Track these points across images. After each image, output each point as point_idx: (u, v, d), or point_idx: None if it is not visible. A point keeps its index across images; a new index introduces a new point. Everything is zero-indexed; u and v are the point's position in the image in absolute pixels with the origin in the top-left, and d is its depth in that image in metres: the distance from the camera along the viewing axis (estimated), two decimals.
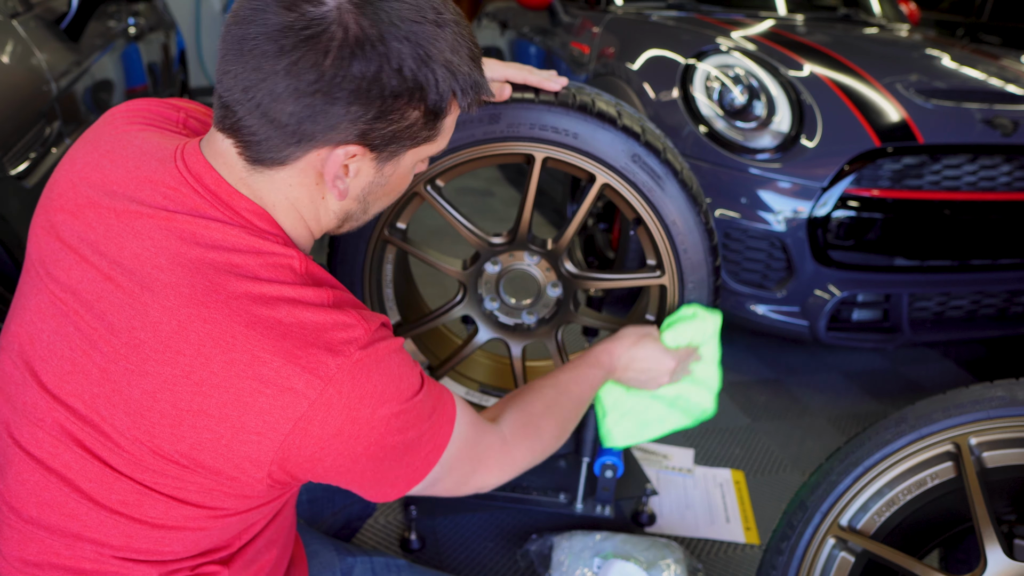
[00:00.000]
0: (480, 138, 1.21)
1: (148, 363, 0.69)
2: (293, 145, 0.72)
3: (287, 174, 0.75)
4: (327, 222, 0.82)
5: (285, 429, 0.70)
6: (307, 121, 0.70)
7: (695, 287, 1.30)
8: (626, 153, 1.20)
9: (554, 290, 1.38)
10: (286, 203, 0.77)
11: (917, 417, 0.96)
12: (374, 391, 0.73)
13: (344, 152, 0.73)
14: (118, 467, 0.73)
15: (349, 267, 1.32)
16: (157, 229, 0.72)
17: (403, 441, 0.78)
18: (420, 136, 0.77)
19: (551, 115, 1.18)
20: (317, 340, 0.71)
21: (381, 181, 0.80)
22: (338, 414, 0.71)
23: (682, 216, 1.24)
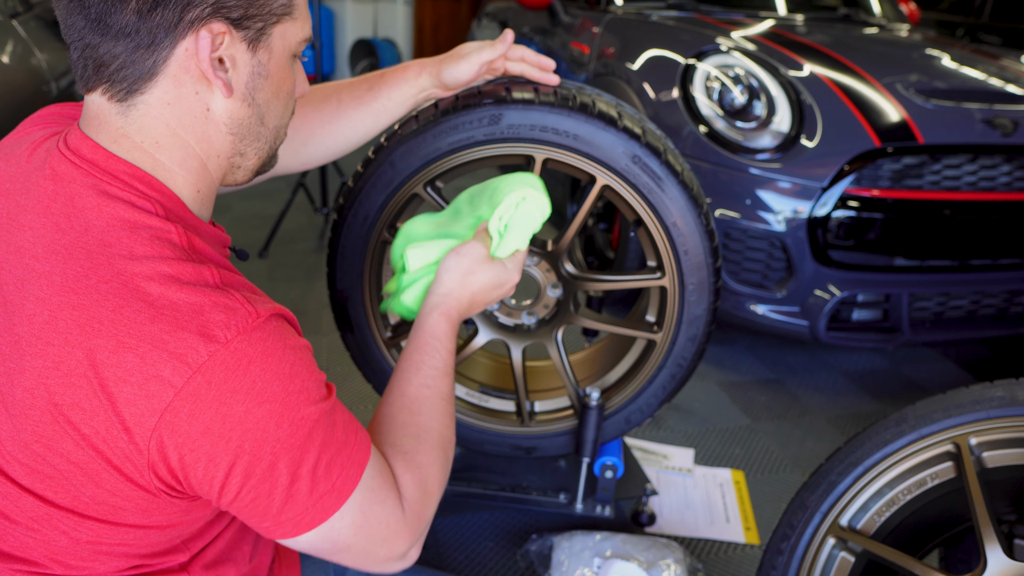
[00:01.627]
0: (480, 139, 1.21)
1: (25, 358, 0.65)
2: (155, 47, 0.67)
3: (161, 90, 0.69)
4: (221, 143, 0.75)
5: (152, 423, 0.64)
6: (155, 8, 0.65)
7: (696, 288, 1.30)
8: (627, 154, 1.20)
9: (554, 291, 1.38)
10: (169, 134, 0.71)
11: (917, 417, 0.96)
12: (252, 387, 0.66)
13: (208, 31, 0.68)
14: (18, 479, 0.68)
15: (349, 267, 1.32)
16: (36, 218, 0.69)
17: (289, 462, 0.69)
18: (275, 5, 0.72)
19: (551, 116, 1.18)
20: (189, 323, 0.64)
21: (261, 71, 0.74)
22: (207, 408, 0.64)
23: (683, 217, 1.24)
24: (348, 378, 2.23)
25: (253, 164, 0.81)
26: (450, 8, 7.23)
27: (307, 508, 0.72)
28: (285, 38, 0.75)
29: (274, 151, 0.83)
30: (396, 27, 6.96)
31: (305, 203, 3.66)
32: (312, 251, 3.19)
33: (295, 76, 0.81)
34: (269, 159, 0.83)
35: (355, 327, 1.39)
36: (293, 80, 0.80)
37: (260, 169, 0.83)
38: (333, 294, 1.36)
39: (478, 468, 1.55)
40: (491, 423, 1.48)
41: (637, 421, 1.45)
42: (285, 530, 0.73)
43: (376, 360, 1.42)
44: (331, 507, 0.73)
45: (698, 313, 1.32)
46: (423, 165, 1.24)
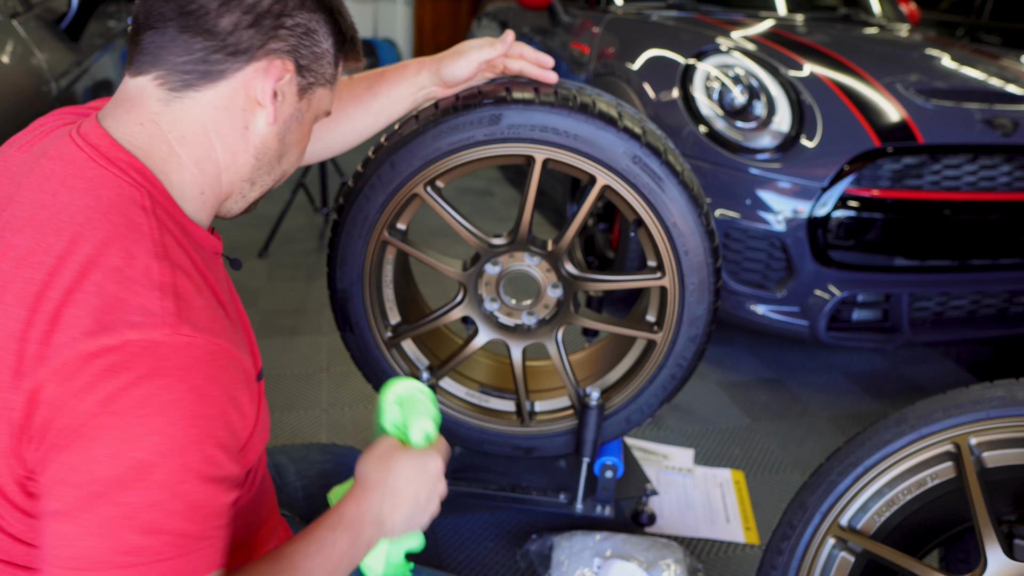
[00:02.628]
0: (480, 139, 1.21)
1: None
2: (231, 56, 0.73)
3: (216, 94, 0.74)
4: (243, 163, 0.78)
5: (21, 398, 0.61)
6: (251, 28, 0.73)
7: (696, 288, 1.30)
8: (627, 155, 1.20)
9: (554, 291, 1.38)
10: (201, 132, 0.75)
11: (917, 417, 0.96)
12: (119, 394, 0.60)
13: (282, 65, 0.75)
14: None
15: (349, 268, 1.32)
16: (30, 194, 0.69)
17: (105, 515, 0.60)
18: (328, 72, 0.82)
19: (551, 116, 1.18)
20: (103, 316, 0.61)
21: (298, 116, 0.81)
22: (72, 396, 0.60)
23: (683, 217, 1.24)
24: (348, 378, 2.23)
25: (254, 197, 0.85)
26: (450, 8, 7.23)
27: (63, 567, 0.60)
28: (322, 101, 0.84)
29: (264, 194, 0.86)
30: (396, 27, 6.96)
31: (305, 203, 3.66)
32: (312, 251, 3.19)
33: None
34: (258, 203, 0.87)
35: (355, 327, 1.39)
36: (309, 137, 0.87)
37: (250, 208, 0.86)
38: (333, 294, 1.36)
39: (478, 468, 1.55)
40: (491, 423, 1.48)
41: (637, 421, 1.45)
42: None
43: (376, 360, 1.42)
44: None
45: (698, 313, 1.32)
46: (423, 165, 1.24)
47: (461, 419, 1.48)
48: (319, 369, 2.28)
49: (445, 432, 1.49)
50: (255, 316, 2.59)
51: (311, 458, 1.29)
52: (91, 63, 2.08)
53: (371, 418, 2.04)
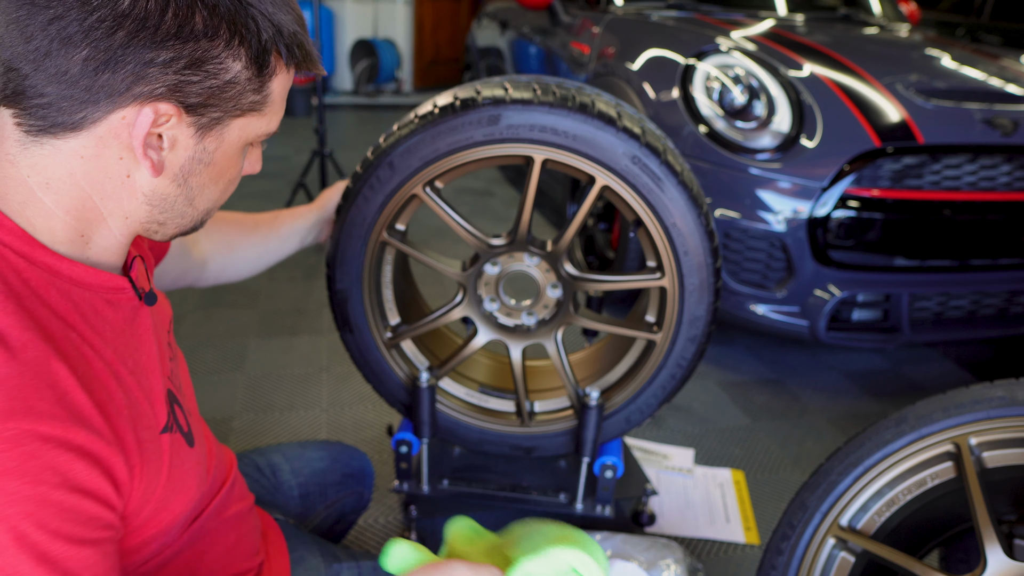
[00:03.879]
0: (479, 140, 1.21)
1: None
2: (90, 105, 0.60)
3: (80, 143, 0.62)
4: (135, 210, 0.68)
5: None
6: (105, 69, 0.59)
7: (696, 289, 1.30)
8: (626, 155, 1.20)
9: (554, 291, 1.38)
10: (69, 182, 0.64)
11: (917, 417, 0.96)
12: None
13: (153, 111, 0.61)
14: None
15: (348, 268, 1.32)
16: None
17: None
18: (244, 101, 0.67)
19: (550, 116, 1.18)
20: None
21: (203, 158, 0.68)
22: None
23: (682, 218, 1.24)
24: (348, 378, 2.23)
25: (171, 232, 0.74)
26: (450, 8, 7.23)
27: None
28: (245, 130, 0.70)
29: (199, 225, 0.76)
30: (396, 27, 6.96)
31: (305, 203, 3.66)
32: (312, 251, 3.19)
33: (247, 158, 0.76)
34: (191, 230, 0.76)
35: (355, 327, 1.39)
36: (239, 167, 0.74)
37: (179, 235, 0.76)
38: (332, 295, 1.35)
39: (478, 468, 1.55)
40: (491, 423, 1.48)
41: (637, 421, 1.45)
42: None
43: (376, 360, 1.42)
44: None
45: (698, 313, 1.32)
46: (422, 166, 1.24)
47: (460, 419, 1.48)
48: (319, 369, 2.28)
49: (445, 432, 1.49)
50: (255, 316, 2.60)
51: (306, 456, 1.29)
52: None
53: (371, 417, 2.04)
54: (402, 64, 6.99)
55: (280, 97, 0.71)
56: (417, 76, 7.21)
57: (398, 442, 1.47)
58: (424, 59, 7.20)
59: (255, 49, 0.65)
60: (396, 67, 6.88)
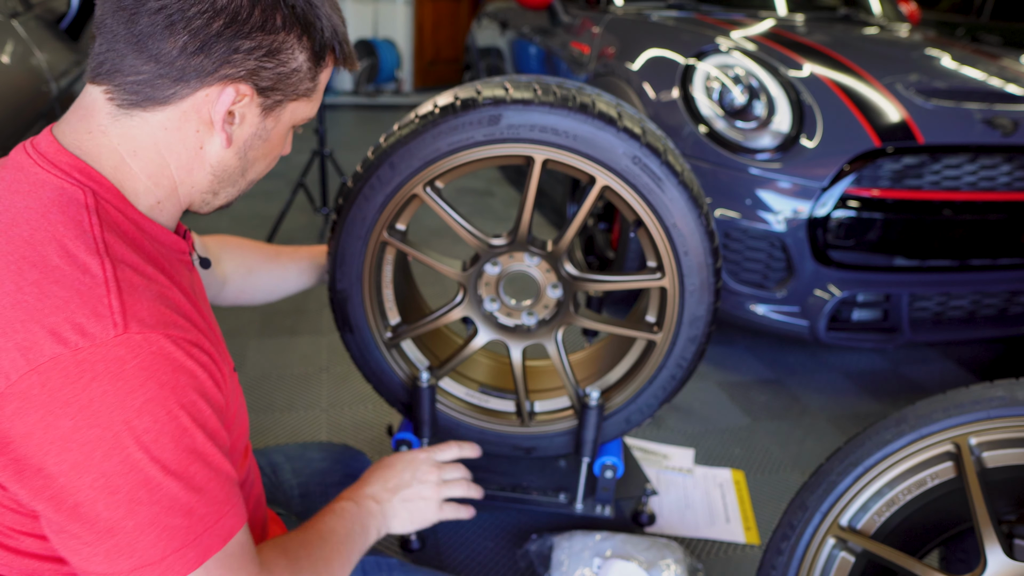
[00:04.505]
0: (480, 140, 1.21)
1: None
2: (181, 83, 0.70)
3: (166, 116, 0.72)
4: (200, 179, 0.77)
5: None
6: (199, 53, 0.68)
7: (696, 289, 1.30)
8: (627, 155, 1.20)
9: (554, 291, 1.38)
10: (152, 150, 0.73)
11: (917, 417, 0.96)
12: (88, 404, 0.60)
13: (235, 90, 0.71)
14: None
15: (348, 268, 1.32)
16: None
17: (110, 506, 0.62)
18: (301, 87, 0.78)
19: (551, 117, 1.18)
20: (46, 318, 0.61)
21: (263, 134, 0.78)
22: (33, 412, 0.60)
23: (683, 218, 1.24)
24: (348, 378, 2.23)
25: (220, 203, 0.83)
26: (450, 8, 7.23)
27: (118, 573, 0.64)
28: (295, 113, 0.80)
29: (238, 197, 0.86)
30: (396, 27, 6.96)
31: (305, 203, 3.66)
32: None
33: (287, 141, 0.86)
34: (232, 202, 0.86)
35: (355, 327, 1.39)
36: (282, 146, 0.84)
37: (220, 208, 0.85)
38: (333, 295, 1.36)
39: (478, 468, 1.56)
40: (491, 423, 1.48)
41: (637, 421, 1.45)
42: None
43: (376, 360, 1.42)
44: (183, 565, 0.66)
45: (699, 314, 1.32)
46: (422, 166, 1.24)
47: (461, 419, 1.48)
48: (319, 369, 2.28)
49: (445, 432, 1.49)
50: (255, 316, 2.60)
51: (307, 456, 1.29)
52: None
53: (371, 417, 2.04)
54: (402, 64, 6.99)
55: (323, 86, 0.82)
56: (417, 76, 7.21)
57: (398, 442, 1.47)
58: (424, 59, 7.20)
59: (318, 44, 0.76)
60: (396, 67, 6.88)
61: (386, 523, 1.04)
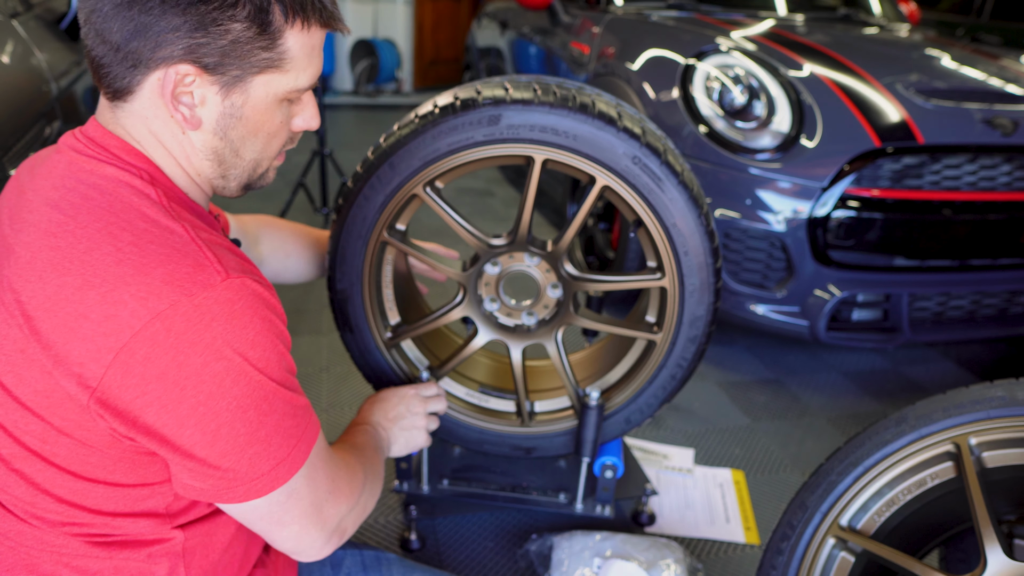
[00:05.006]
0: (480, 140, 1.21)
1: (8, 301, 0.72)
2: (131, 69, 0.73)
3: (140, 104, 0.75)
4: (200, 164, 0.80)
5: (105, 360, 0.67)
6: (135, 38, 0.70)
7: (696, 289, 1.30)
8: (627, 155, 1.20)
9: (554, 291, 1.38)
10: (151, 138, 0.77)
11: (917, 417, 0.96)
12: (212, 342, 0.69)
13: (176, 71, 0.72)
14: (12, 430, 0.74)
15: (349, 267, 1.32)
16: (41, 181, 0.76)
17: (249, 419, 0.73)
18: (258, 58, 0.75)
19: (551, 117, 1.18)
20: (156, 269, 0.68)
21: (233, 112, 0.77)
22: (164, 354, 0.67)
23: (683, 218, 1.24)
24: (348, 378, 2.23)
25: (235, 185, 0.86)
26: (450, 8, 7.23)
27: (262, 474, 0.75)
28: (270, 87, 0.78)
29: (257, 177, 0.87)
30: (396, 27, 6.96)
31: (305, 203, 3.66)
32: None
33: (299, 111, 0.85)
34: (254, 182, 0.87)
35: (355, 327, 1.39)
36: (280, 120, 0.82)
37: (247, 187, 0.88)
38: (333, 294, 1.36)
39: (478, 468, 1.55)
40: (491, 423, 1.48)
41: (637, 421, 1.45)
42: (238, 493, 0.75)
43: (376, 360, 1.42)
44: (285, 474, 0.77)
45: (699, 314, 1.32)
46: (422, 166, 1.24)
47: (461, 419, 1.48)
48: (319, 369, 2.28)
49: (444, 432, 1.49)
50: None
51: None
52: None
53: None
54: (402, 64, 6.99)
55: (302, 53, 0.78)
56: (417, 76, 7.21)
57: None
58: (424, 59, 7.20)
59: (252, 8, 0.72)
60: (396, 67, 6.88)
61: (389, 447, 1.19)
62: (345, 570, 1.08)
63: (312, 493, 0.82)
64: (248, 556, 0.93)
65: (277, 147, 0.85)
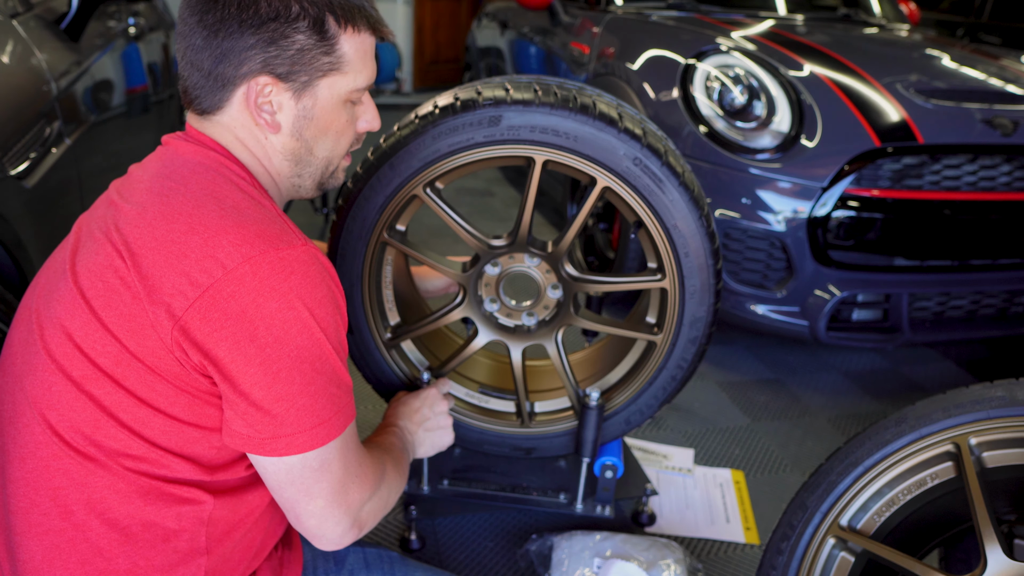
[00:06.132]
0: (480, 141, 1.21)
1: (115, 239, 0.81)
2: (220, 89, 0.86)
3: (229, 117, 0.88)
4: (280, 165, 0.92)
5: (194, 294, 0.76)
6: (222, 63, 0.84)
7: (696, 290, 1.30)
8: (628, 156, 1.20)
9: (554, 292, 1.38)
10: (237, 142, 0.89)
11: (917, 417, 0.96)
12: (289, 292, 0.78)
13: (257, 83, 0.85)
14: (77, 340, 0.80)
15: (349, 268, 1.32)
16: (151, 165, 0.88)
17: (304, 373, 0.80)
18: (321, 63, 0.86)
19: (551, 118, 1.18)
20: (251, 226, 0.79)
21: (306, 114, 0.89)
22: (247, 294, 0.76)
23: (684, 220, 1.24)
24: None
25: (310, 184, 0.96)
26: (450, 8, 7.23)
27: (304, 428, 0.81)
28: (333, 88, 0.89)
29: (329, 174, 0.97)
30: (396, 27, 6.96)
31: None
32: None
33: (362, 113, 0.96)
34: (326, 180, 0.98)
35: (354, 328, 1.39)
36: (345, 120, 0.93)
37: (321, 187, 0.98)
38: None
39: (478, 468, 1.56)
40: (491, 424, 1.48)
41: (637, 422, 1.45)
42: (278, 445, 0.81)
43: (376, 361, 1.43)
44: (324, 437, 0.83)
45: (699, 315, 1.32)
46: (423, 167, 1.24)
47: (461, 419, 1.48)
48: None
49: None
50: None
51: None
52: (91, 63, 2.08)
53: (371, 417, 2.04)
54: (402, 64, 6.99)
55: (357, 56, 0.89)
56: (417, 76, 7.21)
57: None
58: (424, 59, 7.20)
59: (311, 20, 0.84)
60: (396, 67, 6.87)
61: (416, 449, 1.23)
62: (348, 567, 1.09)
63: (342, 469, 0.87)
64: (263, 548, 0.95)
65: (345, 146, 0.96)
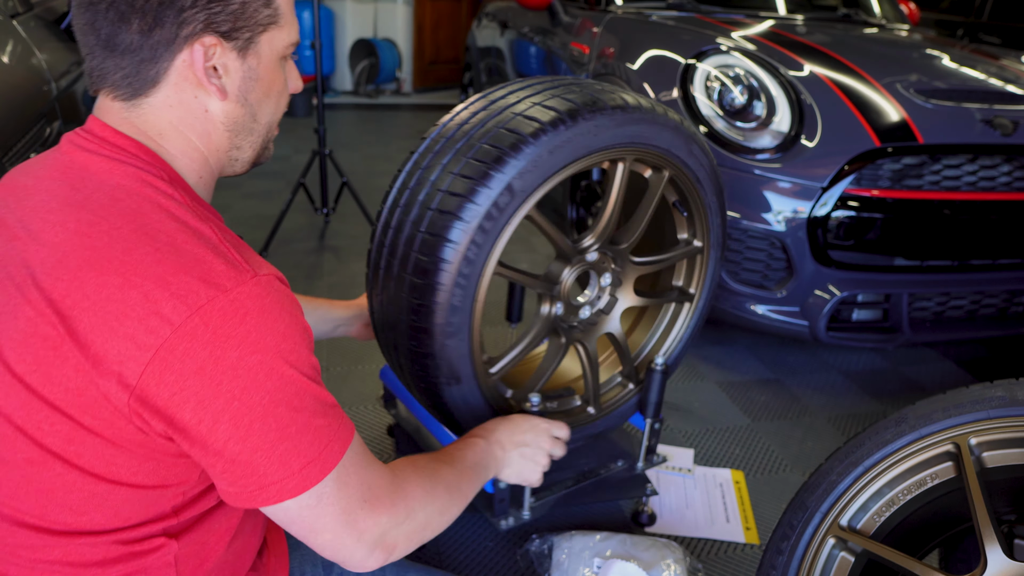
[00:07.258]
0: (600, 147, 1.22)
1: (35, 300, 0.71)
2: (154, 62, 0.76)
3: (164, 94, 0.78)
4: (219, 140, 0.83)
5: (145, 358, 0.68)
6: (156, 28, 0.74)
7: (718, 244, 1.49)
8: (684, 146, 1.34)
9: (608, 280, 1.44)
10: (172, 129, 0.80)
11: (917, 417, 0.96)
12: (247, 336, 0.70)
13: (201, 45, 0.76)
14: (17, 421, 0.73)
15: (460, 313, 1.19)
16: (52, 184, 0.76)
17: (278, 417, 0.73)
18: (262, 15, 0.80)
19: (641, 126, 1.27)
20: (192, 269, 0.70)
21: (251, 75, 0.82)
22: (201, 349, 0.69)
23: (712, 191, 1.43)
24: (348, 378, 2.23)
25: (248, 156, 0.88)
26: (450, 8, 7.23)
27: (292, 473, 0.75)
28: (272, 44, 0.83)
29: (266, 144, 0.90)
30: (396, 27, 6.96)
31: (305, 203, 3.66)
32: (312, 251, 3.19)
33: (287, 75, 0.89)
34: (263, 152, 0.90)
35: (462, 377, 1.26)
36: (283, 80, 0.87)
37: (255, 161, 0.90)
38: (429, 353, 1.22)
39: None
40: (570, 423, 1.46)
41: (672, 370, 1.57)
42: (268, 494, 0.75)
43: (479, 402, 1.31)
44: (315, 476, 0.76)
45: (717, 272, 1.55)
46: (542, 183, 1.14)
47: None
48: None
49: None
50: None
51: None
52: None
53: (371, 417, 2.04)
54: (402, 64, 7.00)
55: (287, 8, 0.84)
56: (417, 76, 7.21)
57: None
58: (424, 59, 7.20)
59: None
60: (396, 67, 6.88)
61: (501, 469, 1.18)
62: (338, 569, 1.08)
63: (343, 499, 0.80)
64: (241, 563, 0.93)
65: (283, 109, 0.89)
